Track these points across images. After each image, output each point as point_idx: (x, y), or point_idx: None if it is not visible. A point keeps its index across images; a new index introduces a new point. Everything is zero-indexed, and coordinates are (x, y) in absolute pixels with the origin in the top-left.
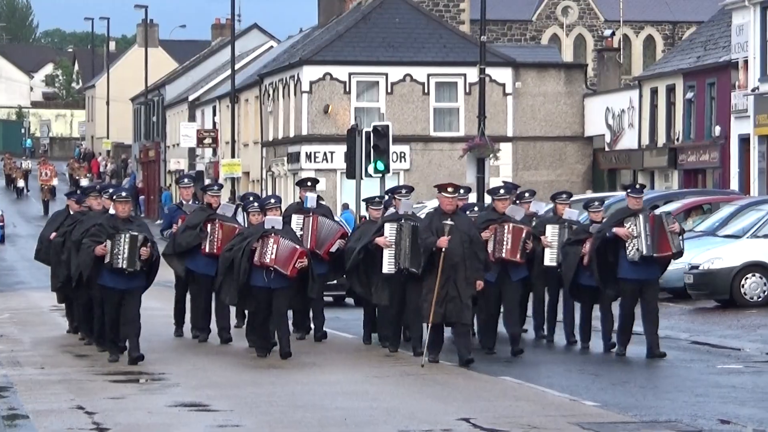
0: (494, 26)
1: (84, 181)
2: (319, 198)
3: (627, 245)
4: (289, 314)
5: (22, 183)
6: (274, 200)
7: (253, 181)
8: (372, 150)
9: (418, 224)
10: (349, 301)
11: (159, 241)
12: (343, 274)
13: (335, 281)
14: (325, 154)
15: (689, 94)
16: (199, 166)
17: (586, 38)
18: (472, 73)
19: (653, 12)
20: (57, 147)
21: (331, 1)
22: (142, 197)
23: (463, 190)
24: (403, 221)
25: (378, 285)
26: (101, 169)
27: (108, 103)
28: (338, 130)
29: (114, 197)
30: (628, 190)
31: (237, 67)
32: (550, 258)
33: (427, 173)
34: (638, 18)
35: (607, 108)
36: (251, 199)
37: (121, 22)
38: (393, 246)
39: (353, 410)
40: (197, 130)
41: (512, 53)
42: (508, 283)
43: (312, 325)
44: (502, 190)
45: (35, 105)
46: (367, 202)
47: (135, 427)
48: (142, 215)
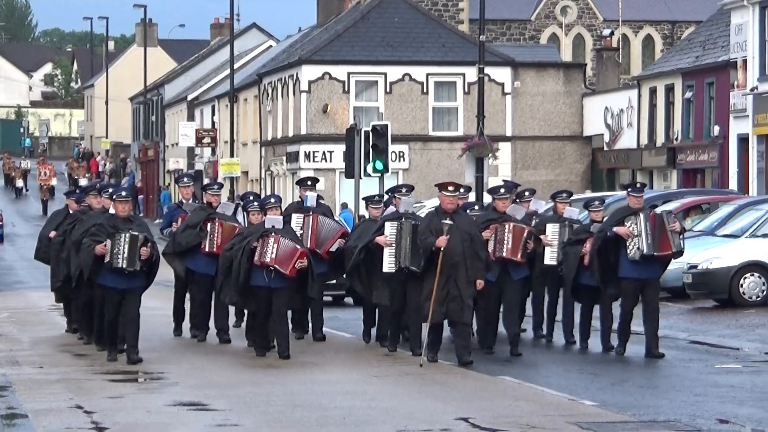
0: (493, 26)
1: (83, 181)
2: (319, 197)
3: (628, 244)
4: (289, 314)
5: (21, 183)
6: (274, 200)
7: (252, 180)
8: (371, 149)
9: (418, 223)
10: (348, 300)
11: (159, 241)
12: (343, 273)
13: (334, 281)
14: (324, 153)
15: (688, 94)
16: (198, 166)
17: (585, 38)
18: (471, 73)
19: (652, 11)
20: (56, 146)
21: (330, 1)
22: (141, 197)
23: (463, 189)
24: (403, 220)
25: (379, 284)
26: (100, 169)
27: (107, 102)
28: (337, 129)
29: (114, 197)
30: (629, 189)
31: (236, 66)
32: (550, 257)
33: (426, 173)
34: (637, 17)
35: (606, 107)
36: (251, 198)
37: (120, 22)
38: (393, 245)
39: (352, 410)
40: (196, 130)
41: (511, 53)
42: (508, 283)
43: (310, 325)
44: (502, 189)
45: (34, 104)
46: (366, 201)
47: (134, 427)
48: (141, 215)
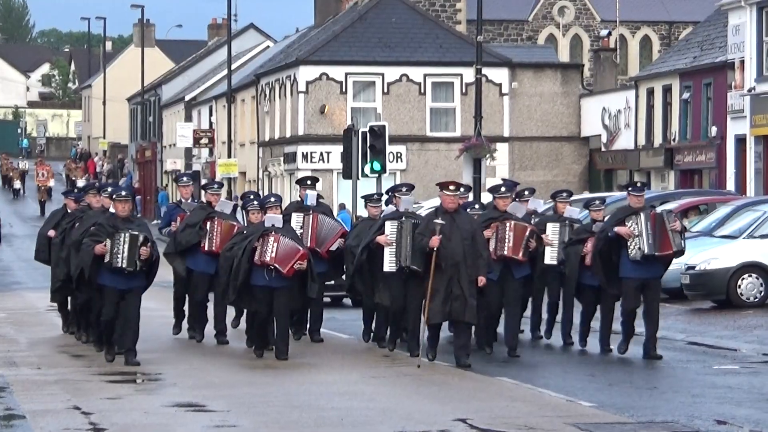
0: (490, 26)
1: (80, 182)
2: (319, 196)
3: (629, 244)
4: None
5: (18, 184)
6: (274, 199)
7: (250, 181)
8: (368, 150)
9: (419, 222)
10: (347, 302)
11: (158, 241)
12: (342, 273)
13: (333, 281)
14: (321, 154)
15: (685, 95)
16: (196, 166)
17: (582, 38)
18: (469, 73)
19: (649, 12)
20: (53, 147)
21: (327, 1)
22: (138, 197)
23: (463, 189)
24: (403, 219)
25: (381, 285)
26: (97, 170)
27: (104, 103)
28: (335, 130)
29: (114, 196)
30: (629, 189)
31: (233, 67)
32: (550, 256)
33: (424, 173)
34: (635, 18)
35: (604, 108)
36: (251, 197)
37: (118, 22)
38: (394, 244)
39: (350, 410)
40: (194, 130)
41: (509, 53)
42: (510, 281)
43: (309, 325)
44: (503, 188)
45: (32, 105)
46: (366, 200)
47: (131, 428)
48: (139, 215)
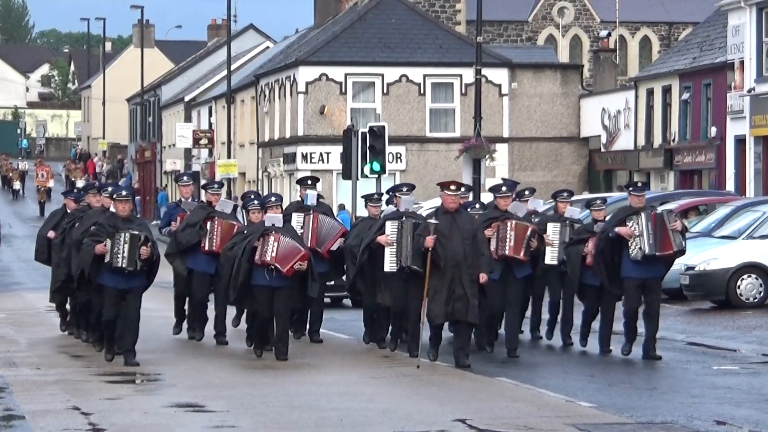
0: (490, 27)
1: (80, 183)
2: (319, 196)
3: (629, 244)
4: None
5: (18, 185)
6: (274, 198)
7: (249, 181)
8: (368, 151)
9: (419, 222)
10: (347, 302)
11: (158, 241)
12: (343, 274)
13: (333, 282)
14: (321, 154)
15: (685, 95)
16: (195, 167)
17: (582, 39)
18: (468, 74)
19: (649, 13)
20: (53, 147)
21: (327, 2)
22: (138, 198)
23: (464, 188)
24: (404, 219)
25: (382, 285)
26: (97, 170)
27: (104, 103)
28: (334, 130)
29: (114, 196)
30: (630, 189)
31: (233, 67)
32: (551, 256)
33: (423, 174)
34: (634, 19)
35: (603, 109)
36: (252, 197)
37: (117, 23)
38: (395, 244)
39: (349, 411)
40: (193, 131)
41: (508, 54)
42: (512, 281)
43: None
44: (504, 188)
45: (31, 105)
46: (366, 199)
47: (131, 428)
48: (138, 216)
